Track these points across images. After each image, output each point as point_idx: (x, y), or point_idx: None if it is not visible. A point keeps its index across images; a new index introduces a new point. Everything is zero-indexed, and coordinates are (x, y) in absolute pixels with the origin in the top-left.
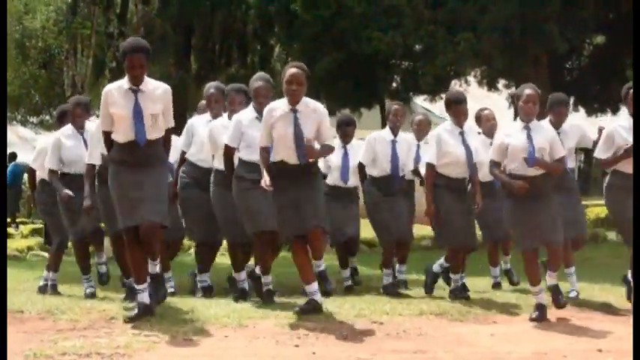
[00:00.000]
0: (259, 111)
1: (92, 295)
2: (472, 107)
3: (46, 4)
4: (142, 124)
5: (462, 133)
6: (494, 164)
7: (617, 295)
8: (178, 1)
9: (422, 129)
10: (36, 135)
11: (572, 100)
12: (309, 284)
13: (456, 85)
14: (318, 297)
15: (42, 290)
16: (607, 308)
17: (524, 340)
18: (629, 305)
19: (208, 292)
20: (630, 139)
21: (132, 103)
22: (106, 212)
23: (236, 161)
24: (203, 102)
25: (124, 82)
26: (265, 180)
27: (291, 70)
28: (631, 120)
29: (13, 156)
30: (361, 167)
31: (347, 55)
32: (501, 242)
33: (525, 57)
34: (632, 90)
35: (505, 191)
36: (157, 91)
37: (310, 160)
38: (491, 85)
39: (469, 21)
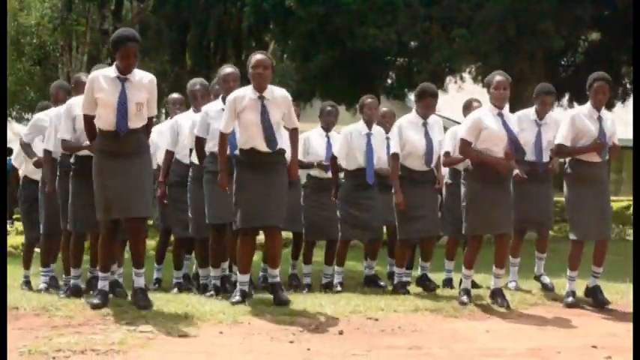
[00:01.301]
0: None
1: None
2: None
3: (41, 1)
4: (125, 113)
5: (424, 124)
6: (467, 143)
7: (612, 292)
8: None
9: (387, 120)
10: None
11: (567, 97)
12: (244, 274)
13: (450, 82)
14: (247, 287)
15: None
16: (607, 302)
17: (519, 337)
18: (625, 302)
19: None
20: (591, 126)
21: (118, 91)
22: (63, 207)
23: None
24: (173, 96)
25: (111, 71)
26: (221, 179)
27: (256, 56)
28: (592, 108)
29: (9, 151)
30: (334, 160)
31: (342, 52)
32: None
33: (520, 53)
34: (600, 82)
35: (468, 173)
36: (143, 80)
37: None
38: None
39: (464, 18)
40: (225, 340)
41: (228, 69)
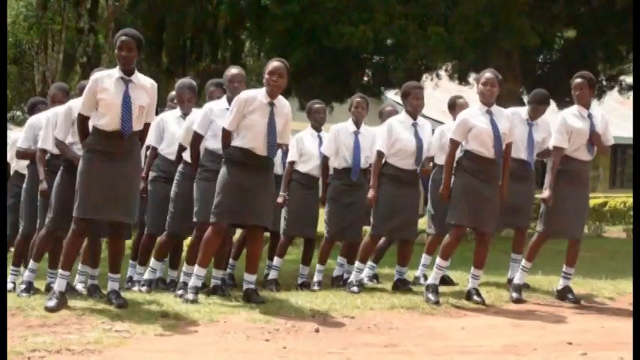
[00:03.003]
0: (232, 99)
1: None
2: (444, 101)
3: None
4: (130, 114)
5: (414, 125)
6: (455, 143)
7: (589, 288)
8: None
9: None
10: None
11: None
12: (201, 268)
13: (427, 79)
14: (201, 282)
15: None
16: (578, 301)
17: (494, 334)
18: (600, 298)
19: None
20: (582, 124)
21: (122, 92)
22: (44, 204)
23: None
24: (172, 93)
25: (115, 72)
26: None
27: (274, 63)
28: (580, 108)
29: None
30: (324, 159)
31: (318, 50)
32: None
33: (497, 50)
34: (578, 79)
35: (461, 167)
36: (146, 84)
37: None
38: (463, 79)
39: (440, 15)
40: (200, 339)
41: (233, 70)
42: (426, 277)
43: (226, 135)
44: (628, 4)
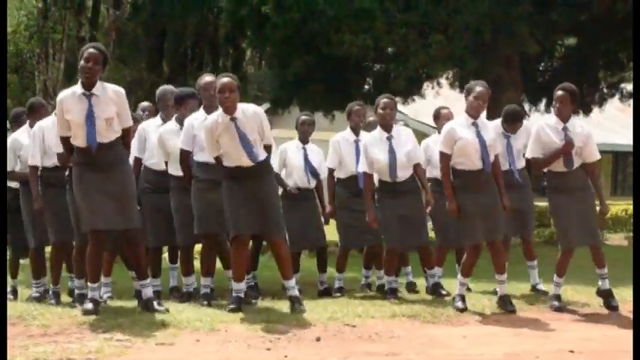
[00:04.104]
0: (208, 107)
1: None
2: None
3: (18, 9)
4: (94, 128)
5: (389, 138)
6: (445, 156)
7: (590, 296)
8: (150, 5)
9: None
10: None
11: (544, 102)
12: (239, 282)
13: (428, 88)
14: (242, 294)
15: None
16: (579, 309)
17: (496, 342)
18: (602, 307)
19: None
20: (555, 138)
21: (85, 107)
22: (50, 218)
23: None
24: (144, 103)
25: (77, 87)
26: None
27: (221, 80)
28: (557, 119)
29: None
30: (330, 172)
31: (318, 59)
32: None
33: (497, 58)
34: (560, 92)
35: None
36: (109, 94)
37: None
38: (464, 87)
39: (441, 23)
40: (201, 348)
41: (207, 78)
42: (441, 286)
43: (217, 160)
44: (628, 12)
